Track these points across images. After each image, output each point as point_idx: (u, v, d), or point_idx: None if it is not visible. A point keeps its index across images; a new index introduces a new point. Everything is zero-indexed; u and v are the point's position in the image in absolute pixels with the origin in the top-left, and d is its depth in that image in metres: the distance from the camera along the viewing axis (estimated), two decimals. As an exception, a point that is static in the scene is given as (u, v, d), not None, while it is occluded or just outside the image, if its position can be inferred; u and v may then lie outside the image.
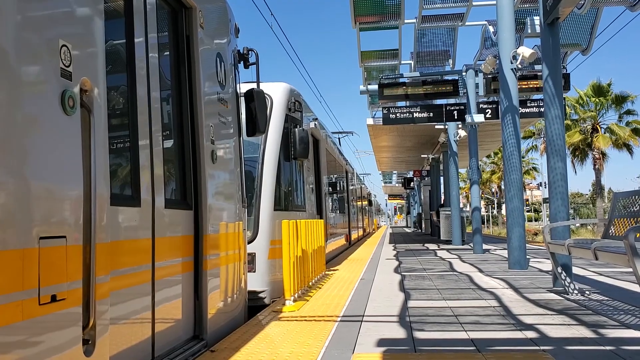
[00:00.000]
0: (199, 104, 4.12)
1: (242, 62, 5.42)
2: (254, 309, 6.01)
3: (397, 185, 53.33)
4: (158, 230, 3.35)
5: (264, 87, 7.62)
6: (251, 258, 6.57)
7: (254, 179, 7.17)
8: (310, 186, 9.55)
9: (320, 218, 10.20)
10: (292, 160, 8.01)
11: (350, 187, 19.04)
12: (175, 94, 4.01)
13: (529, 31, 12.54)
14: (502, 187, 39.72)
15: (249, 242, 6.46)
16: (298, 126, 8.18)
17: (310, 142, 9.28)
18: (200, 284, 4.00)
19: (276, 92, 7.92)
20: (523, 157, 40.61)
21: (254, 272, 6.63)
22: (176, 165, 3.98)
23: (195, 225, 4.03)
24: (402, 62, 16.26)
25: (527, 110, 14.10)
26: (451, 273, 8.93)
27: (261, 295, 6.71)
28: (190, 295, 3.92)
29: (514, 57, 9.34)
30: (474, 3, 12.62)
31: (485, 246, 14.63)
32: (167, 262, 3.51)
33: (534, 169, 55.98)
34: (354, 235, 19.99)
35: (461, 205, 18.38)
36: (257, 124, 5.23)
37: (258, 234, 6.88)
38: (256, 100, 5.25)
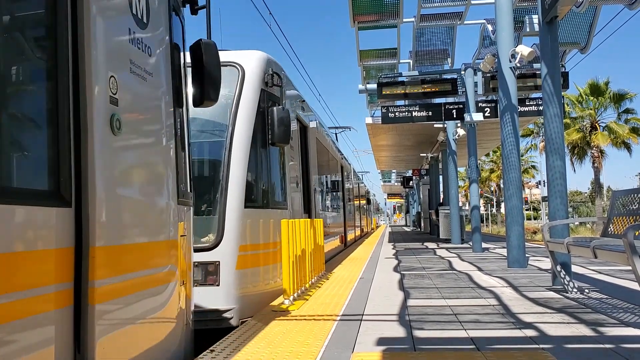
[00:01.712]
0: (87, 39, 2.63)
1: (188, 6, 4.14)
2: (220, 332, 5.18)
3: (396, 184, 53.37)
4: None
5: (234, 55, 6.52)
6: (214, 268, 5.53)
7: (219, 169, 5.95)
8: (295, 180, 8.08)
9: (309, 217, 8.95)
10: (269, 146, 6.64)
11: (346, 184, 17.94)
12: (37, 19, 2.58)
13: (528, 30, 12.58)
14: (501, 185, 39.79)
15: (211, 248, 5.58)
16: (277, 104, 6.82)
17: (295, 128, 8.19)
18: (83, 326, 2.54)
19: (249, 61, 6.53)
20: (522, 156, 40.63)
21: (218, 285, 5.53)
22: (34, 133, 2.58)
23: (79, 232, 2.59)
24: (401, 61, 16.27)
25: (526, 108, 14.11)
26: (450, 272, 8.93)
27: (226, 315, 5.51)
28: (67, 346, 2.49)
29: (513, 56, 9.34)
30: (472, 2, 12.61)
31: (484, 245, 14.63)
32: (11, 297, 2.16)
33: (533, 167, 56.02)
34: (350, 236, 18.68)
35: (460, 204, 18.38)
36: (205, 89, 3.87)
37: (223, 238, 5.67)
38: (205, 57, 3.87)
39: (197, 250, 5.25)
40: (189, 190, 3.94)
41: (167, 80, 3.58)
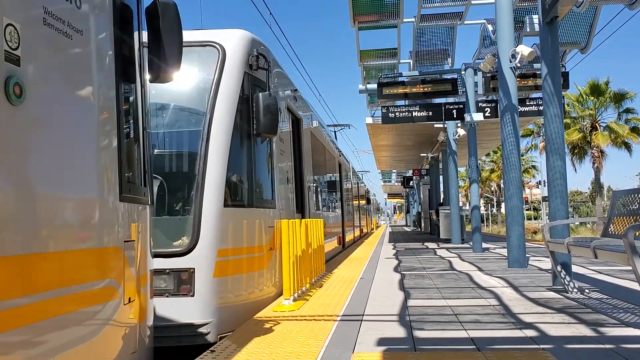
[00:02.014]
0: None
1: None
2: (195, 349, 4.60)
3: (396, 184, 53.40)
4: None
5: (214, 34, 5.95)
6: (188, 276, 4.85)
7: (195, 162, 5.26)
8: (286, 176, 7.35)
9: (302, 217, 8.31)
10: (254, 137, 5.95)
11: (344, 182, 17.20)
12: None
13: (528, 30, 12.57)
14: (502, 185, 39.83)
15: (184, 253, 4.90)
16: (263, 90, 6.10)
17: (287, 119, 7.58)
18: None
19: (230, 41, 5.87)
20: (522, 156, 40.67)
21: (192, 296, 4.85)
22: None
23: None
24: (401, 61, 16.27)
25: (526, 108, 14.11)
26: (451, 272, 8.93)
27: (202, 330, 4.83)
28: None
29: (513, 56, 9.34)
30: (472, 2, 12.61)
31: (484, 245, 14.63)
32: None
33: (533, 167, 56.03)
34: (349, 237, 17.85)
35: (460, 204, 18.38)
36: (163, 59, 3.20)
37: (199, 241, 4.98)
38: (162, 20, 3.20)
39: (168, 255, 4.87)
40: (142, 185, 3.20)
41: (108, 43, 2.81)
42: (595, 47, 15.10)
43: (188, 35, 4.61)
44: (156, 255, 4.46)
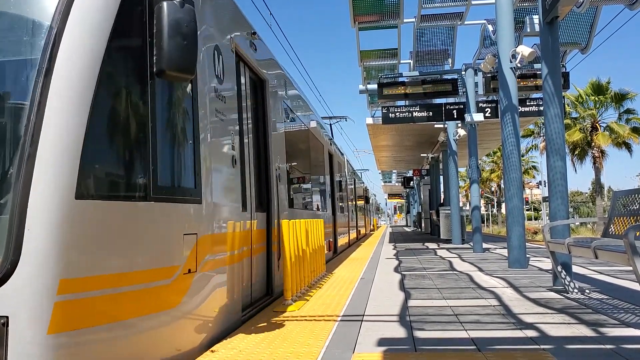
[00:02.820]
0: None
1: None
2: None
3: (396, 184, 53.43)
4: None
5: None
6: None
7: (18, 117, 2.98)
8: (229, 155, 4.80)
9: (268, 217, 6.26)
10: (151, 79, 3.48)
11: (336, 177, 14.97)
12: None
13: (528, 30, 12.57)
14: (502, 186, 39.82)
15: None
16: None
17: (232, 68, 5.03)
18: None
19: None
20: (522, 156, 40.68)
21: None
22: None
23: None
24: (402, 61, 16.28)
25: (527, 109, 14.13)
26: (451, 272, 8.93)
27: None
28: None
29: (513, 56, 9.34)
30: (473, 2, 12.61)
31: (485, 245, 14.64)
32: None
33: (534, 167, 56.05)
34: (342, 240, 15.50)
35: (461, 204, 18.39)
36: None
37: (19, 264, 2.74)
38: None
39: None
40: None
41: None
42: (596, 47, 15.11)
43: None
44: None
